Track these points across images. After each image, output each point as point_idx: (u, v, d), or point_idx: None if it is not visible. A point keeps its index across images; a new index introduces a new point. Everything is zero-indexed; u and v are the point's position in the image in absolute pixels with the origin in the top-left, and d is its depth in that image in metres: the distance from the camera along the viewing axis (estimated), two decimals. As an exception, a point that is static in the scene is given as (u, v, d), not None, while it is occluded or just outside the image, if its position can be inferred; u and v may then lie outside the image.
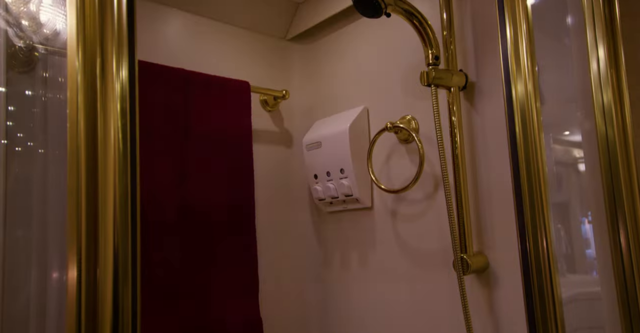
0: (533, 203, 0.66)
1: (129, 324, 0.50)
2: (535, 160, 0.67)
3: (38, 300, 0.76)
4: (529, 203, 0.67)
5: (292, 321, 1.20)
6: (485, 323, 0.85)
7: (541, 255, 0.64)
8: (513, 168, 0.69)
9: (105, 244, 0.50)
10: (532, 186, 0.66)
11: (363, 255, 1.12)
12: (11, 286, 0.75)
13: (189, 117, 1.03)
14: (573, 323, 0.66)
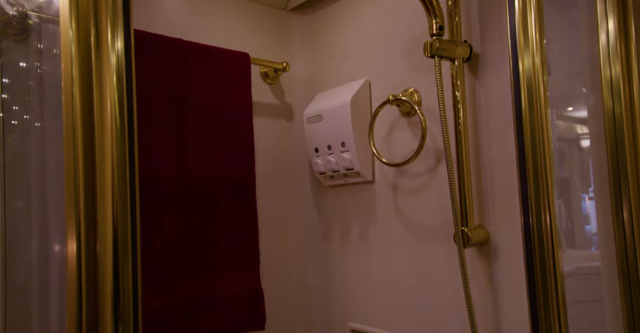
0: (537, 179, 0.65)
1: (130, 297, 0.51)
2: (541, 136, 0.66)
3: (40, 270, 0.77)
4: (533, 179, 0.66)
5: (292, 293, 1.22)
6: (484, 295, 0.86)
7: (544, 230, 0.64)
8: (518, 143, 0.68)
9: (104, 218, 0.50)
10: (537, 162, 0.65)
11: (364, 229, 1.13)
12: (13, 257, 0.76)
13: (187, 89, 1.02)
14: (571, 296, 0.66)
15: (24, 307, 0.76)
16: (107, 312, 0.51)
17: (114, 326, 0.52)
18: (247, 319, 1.03)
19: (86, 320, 0.50)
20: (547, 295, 0.64)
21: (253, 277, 1.06)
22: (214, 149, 1.04)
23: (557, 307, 0.64)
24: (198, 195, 1.01)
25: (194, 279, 0.98)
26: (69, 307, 0.47)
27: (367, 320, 1.11)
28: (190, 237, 0.99)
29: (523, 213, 0.67)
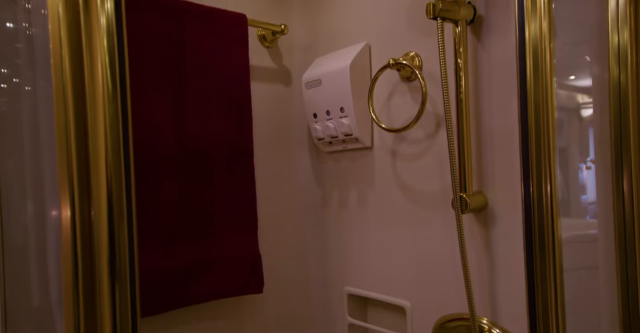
0: (539, 147, 0.64)
1: (127, 263, 0.51)
2: (545, 104, 0.65)
3: (37, 232, 0.77)
4: (535, 148, 0.65)
5: (290, 258, 1.23)
6: (480, 260, 0.87)
7: (544, 199, 0.64)
8: (521, 111, 0.67)
9: (98, 183, 0.49)
10: (540, 131, 0.64)
11: (362, 195, 1.13)
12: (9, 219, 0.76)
13: (183, 50, 0.99)
14: (566, 263, 0.67)
15: (22, 267, 0.77)
16: (104, 275, 0.52)
17: (111, 288, 0.52)
18: (246, 282, 1.05)
19: (83, 283, 0.51)
20: (545, 263, 0.64)
21: (251, 241, 1.07)
22: (211, 112, 1.03)
23: (554, 274, 0.64)
24: (196, 158, 1.00)
25: (193, 243, 0.99)
26: (65, 272, 0.47)
27: (364, 284, 1.13)
28: (189, 200, 0.99)
29: (523, 181, 0.67)
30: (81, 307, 0.51)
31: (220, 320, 1.10)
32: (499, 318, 0.85)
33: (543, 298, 0.66)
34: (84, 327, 0.51)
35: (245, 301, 1.14)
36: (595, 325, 0.69)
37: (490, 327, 0.85)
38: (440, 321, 0.94)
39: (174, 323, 1.03)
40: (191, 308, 1.05)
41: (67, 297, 0.51)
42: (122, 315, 0.53)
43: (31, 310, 0.77)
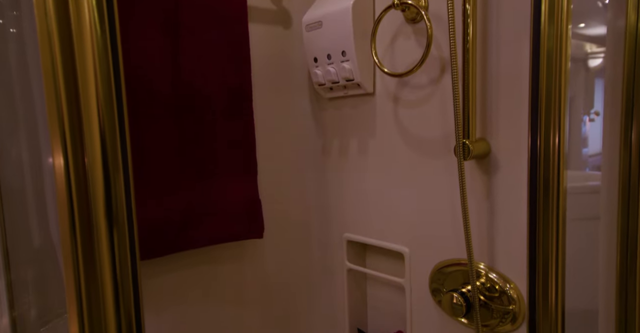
0: (550, 99, 0.62)
1: (124, 208, 0.50)
2: (559, 53, 0.62)
3: (34, 177, 0.77)
4: (545, 99, 0.63)
5: (290, 205, 1.24)
6: (480, 207, 0.87)
7: (551, 151, 0.63)
8: (533, 60, 0.64)
9: (90, 130, 0.47)
10: (552, 81, 0.62)
11: (363, 143, 1.11)
12: (5, 164, 0.75)
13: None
14: (568, 214, 0.67)
15: (22, 210, 0.77)
16: (101, 221, 0.51)
17: (109, 233, 0.52)
18: (245, 227, 1.06)
19: (80, 229, 0.50)
20: (548, 215, 0.64)
21: (251, 186, 1.07)
22: (208, 54, 0.99)
23: (557, 225, 0.64)
24: (193, 102, 0.98)
25: (191, 187, 0.98)
26: (61, 219, 0.47)
27: (363, 231, 1.14)
28: (186, 145, 0.97)
29: (531, 132, 0.65)
30: (79, 251, 0.51)
31: (220, 264, 1.12)
32: (496, 264, 0.86)
33: (544, 248, 0.66)
34: (84, 270, 0.51)
35: (246, 246, 1.16)
36: (591, 275, 0.70)
37: (488, 272, 0.86)
38: (438, 266, 0.95)
39: (175, 266, 1.05)
40: (191, 252, 1.07)
41: (65, 242, 0.51)
42: (121, 258, 0.53)
43: (33, 251, 0.78)
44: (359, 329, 1.21)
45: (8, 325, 0.66)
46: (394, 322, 1.14)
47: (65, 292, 0.51)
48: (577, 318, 0.67)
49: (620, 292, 0.64)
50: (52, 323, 0.72)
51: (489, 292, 0.85)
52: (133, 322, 0.53)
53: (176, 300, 1.06)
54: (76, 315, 0.51)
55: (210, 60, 0.99)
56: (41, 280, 0.77)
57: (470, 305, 0.84)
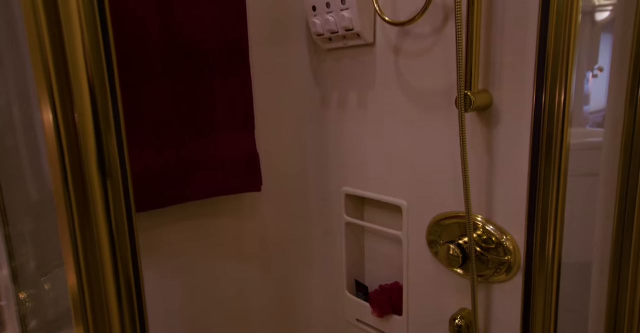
0: (558, 53, 0.59)
1: (117, 163, 0.49)
2: (570, 6, 0.59)
3: (28, 132, 0.75)
4: (553, 54, 0.60)
5: (288, 158, 1.23)
6: (480, 160, 0.86)
7: (556, 108, 0.61)
8: (542, 12, 0.61)
9: (79, 84, 0.46)
10: (561, 35, 0.59)
11: (362, 95, 1.09)
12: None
13: None
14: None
15: (17, 165, 0.77)
16: (94, 175, 0.50)
17: (103, 187, 0.51)
18: (244, 181, 1.05)
19: (73, 184, 0.49)
20: (550, 170, 0.63)
21: (249, 140, 1.05)
22: (202, 5, 0.95)
23: (558, 181, 0.63)
24: (187, 54, 0.95)
25: (188, 140, 0.97)
26: (54, 176, 0.46)
27: (362, 185, 1.14)
28: (181, 98, 0.95)
29: (536, 88, 0.63)
30: (73, 205, 0.50)
31: (218, 217, 1.13)
32: (494, 216, 0.86)
33: (544, 203, 0.66)
34: (79, 224, 0.50)
35: (244, 200, 1.16)
36: (588, 230, 0.70)
37: (485, 224, 0.86)
38: (436, 219, 0.95)
39: (172, 219, 1.05)
40: (189, 205, 1.07)
41: (58, 196, 0.50)
42: (116, 211, 0.53)
43: (30, 205, 0.78)
44: (357, 281, 1.24)
45: (8, 275, 0.67)
46: (391, 274, 1.17)
47: (62, 244, 0.51)
48: (571, 271, 0.68)
49: (615, 247, 0.65)
50: (52, 273, 0.73)
51: (486, 243, 0.86)
52: (131, 273, 0.54)
53: (175, 252, 1.07)
54: (74, 267, 0.51)
55: (204, 11, 0.95)
56: (40, 232, 0.78)
57: (466, 256, 0.85)
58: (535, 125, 0.64)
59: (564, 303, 0.67)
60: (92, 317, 0.52)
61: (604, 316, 0.67)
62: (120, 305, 0.52)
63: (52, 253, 0.75)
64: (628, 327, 0.64)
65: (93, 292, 0.51)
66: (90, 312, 0.52)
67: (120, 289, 0.52)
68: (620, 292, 0.65)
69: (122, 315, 0.53)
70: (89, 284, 0.51)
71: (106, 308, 0.52)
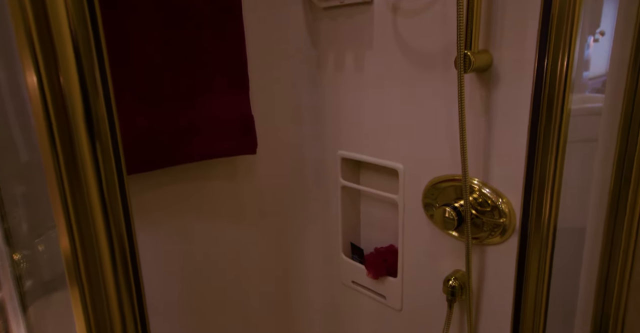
0: (563, 15, 0.57)
1: (106, 124, 0.48)
2: None
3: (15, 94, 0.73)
4: (557, 15, 0.58)
5: (284, 120, 1.21)
6: (478, 122, 0.85)
7: (558, 74, 0.59)
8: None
9: (62, 45, 0.43)
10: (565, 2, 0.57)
11: (359, 56, 1.06)
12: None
13: None
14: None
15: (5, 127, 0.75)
16: (83, 138, 0.49)
17: (92, 149, 0.50)
18: (238, 143, 1.04)
19: (61, 147, 0.48)
20: (549, 135, 0.62)
21: (243, 100, 1.03)
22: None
23: (557, 146, 0.62)
24: (179, 10, 0.91)
25: (180, 101, 0.95)
26: (41, 140, 0.45)
27: (358, 148, 1.13)
28: (173, 58, 0.93)
29: (539, 51, 0.61)
30: (63, 169, 0.49)
31: (214, 180, 1.12)
32: (490, 179, 0.85)
33: (542, 167, 0.65)
34: (69, 186, 0.49)
35: (239, 163, 1.15)
36: (583, 195, 0.70)
37: (481, 187, 0.86)
38: (432, 182, 0.95)
39: (166, 182, 1.04)
40: (183, 168, 1.06)
41: (47, 159, 0.49)
42: (107, 173, 0.51)
43: (21, 167, 0.77)
44: (352, 244, 1.25)
45: (1, 236, 0.67)
46: (387, 237, 1.17)
47: (52, 207, 0.50)
48: (565, 235, 0.68)
49: (610, 211, 0.65)
50: (45, 235, 0.73)
51: (481, 206, 0.86)
52: (124, 235, 0.53)
53: (171, 215, 1.07)
54: (66, 230, 0.50)
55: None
56: (32, 195, 0.77)
57: (461, 219, 0.85)
58: (537, 90, 0.63)
59: (557, 266, 0.67)
60: (87, 278, 0.52)
61: (595, 278, 0.68)
62: (114, 266, 0.52)
63: (45, 215, 0.75)
64: (618, 289, 0.65)
65: (86, 255, 0.51)
66: (84, 274, 0.52)
67: (114, 251, 0.52)
68: (613, 256, 0.65)
69: (117, 277, 0.52)
70: (82, 247, 0.51)
71: (100, 270, 0.52)
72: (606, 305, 0.68)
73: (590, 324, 0.70)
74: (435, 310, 1.03)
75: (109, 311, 0.51)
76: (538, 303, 0.66)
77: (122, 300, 0.52)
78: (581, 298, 0.73)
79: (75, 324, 0.53)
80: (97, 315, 0.53)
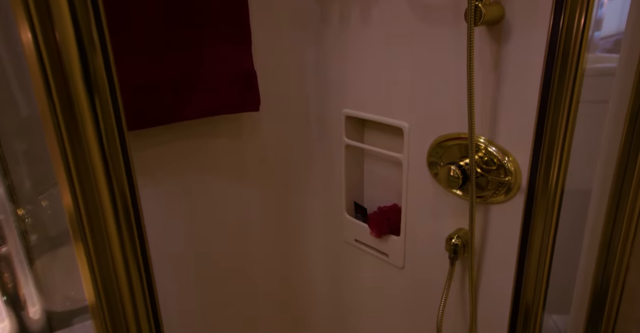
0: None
1: (104, 79, 0.46)
2: None
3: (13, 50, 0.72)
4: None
5: (287, 77, 1.19)
6: (487, 79, 0.82)
7: (574, 33, 0.56)
8: None
9: None
10: None
11: (365, 9, 1.02)
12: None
13: None
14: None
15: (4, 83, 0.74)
16: (81, 94, 0.48)
17: (91, 104, 0.49)
18: (241, 99, 1.02)
19: (60, 104, 0.47)
20: (562, 95, 0.60)
21: (245, 55, 1.00)
22: None
23: (569, 107, 0.61)
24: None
25: (181, 56, 0.92)
26: (38, 97, 0.44)
27: (363, 106, 1.11)
28: (174, 12, 0.89)
29: (555, 9, 0.58)
30: (62, 126, 0.48)
31: (217, 137, 1.11)
32: (497, 137, 0.84)
33: (552, 127, 0.64)
34: (69, 142, 0.49)
35: (242, 120, 1.14)
36: (590, 156, 0.69)
37: (487, 145, 0.85)
38: (438, 140, 0.94)
39: (169, 139, 1.03)
40: (187, 125, 1.05)
41: (45, 118, 0.48)
42: (107, 128, 0.50)
43: (22, 125, 0.76)
44: (356, 203, 1.25)
45: (4, 193, 0.67)
46: (390, 196, 1.17)
47: (53, 164, 0.50)
48: (570, 196, 0.68)
49: (618, 173, 0.64)
50: (49, 192, 0.73)
51: (486, 165, 0.85)
52: (126, 191, 0.53)
53: (175, 172, 1.07)
54: (67, 186, 0.50)
55: None
56: (33, 152, 0.76)
57: (466, 177, 0.85)
58: (551, 47, 0.60)
59: (560, 226, 0.67)
60: (91, 234, 0.52)
61: (598, 239, 0.68)
62: (117, 222, 0.52)
63: (48, 172, 0.75)
64: (621, 250, 0.65)
65: (89, 211, 0.51)
66: (88, 230, 0.52)
67: (117, 206, 0.51)
68: (618, 218, 0.65)
69: (121, 232, 0.53)
70: (85, 203, 0.50)
71: (104, 226, 0.52)
72: (608, 266, 0.68)
73: (590, 284, 0.70)
74: (437, 268, 1.04)
75: (114, 266, 0.52)
76: (542, 262, 0.66)
77: (127, 255, 0.52)
78: (583, 258, 0.73)
79: (82, 279, 0.53)
80: (103, 270, 0.53)
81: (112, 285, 0.53)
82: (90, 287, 0.53)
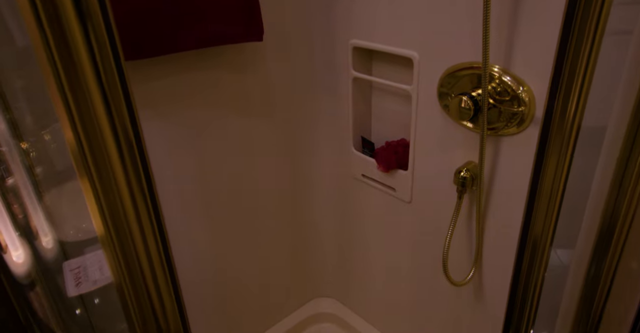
0: None
1: (98, 9, 0.43)
2: None
3: None
4: None
5: (291, 7, 1.13)
6: (504, 3, 0.77)
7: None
8: None
9: None
10: None
11: None
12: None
13: None
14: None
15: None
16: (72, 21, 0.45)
17: (84, 32, 0.46)
18: (244, 29, 0.97)
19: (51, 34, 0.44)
20: (586, 25, 0.56)
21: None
22: None
23: (594, 37, 0.57)
24: None
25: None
26: (31, 32, 0.41)
27: (371, 36, 1.06)
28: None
29: None
30: (55, 56, 0.46)
31: (221, 69, 1.07)
32: (512, 66, 0.80)
33: (574, 57, 0.60)
34: (64, 73, 0.47)
35: (246, 51, 1.10)
36: (608, 91, 0.65)
37: (502, 74, 0.81)
38: (449, 70, 0.90)
39: (172, 71, 1.00)
40: (187, 56, 1.01)
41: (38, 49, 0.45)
42: (102, 58, 0.48)
43: (20, 60, 0.74)
44: (363, 138, 1.23)
45: (6, 128, 0.66)
46: (398, 131, 1.15)
47: (51, 97, 0.48)
48: (583, 132, 0.65)
49: (637, 111, 0.61)
50: (51, 127, 0.72)
51: (500, 95, 0.82)
52: (127, 121, 0.52)
53: (179, 104, 1.04)
54: (67, 120, 0.49)
55: None
56: (32, 87, 0.74)
57: (478, 108, 0.82)
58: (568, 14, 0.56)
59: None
60: (95, 168, 0.51)
61: (610, 177, 0.66)
62: (121, 155, 0.51)
63: (50, 107, 0.73)
64: (632, 188, 0.64)
65: (92, 144, 0.50)
66: (92, 163, 0.51)
67: (119, 137, 0.50)
68: (632, 156, 0.63)
69: (125, 165, 0.52)
70: (86, 136, 0.49)
71: (107, 159, 0.52)
72: (618, 203, 0.67)
73: (599, 219, 0.70)
74: (445, 201, 1.04)
75: (120, 198, 0.52)
76: (553, 196, 0.65)
77: (132, 186, 0.51)
78: (593, 195, 0.72)
79: (90, 213, 0.53)
80: (110, 203, 0.53)
81: (120, 218, 0.53)
82: (99, 220, 0.53)
